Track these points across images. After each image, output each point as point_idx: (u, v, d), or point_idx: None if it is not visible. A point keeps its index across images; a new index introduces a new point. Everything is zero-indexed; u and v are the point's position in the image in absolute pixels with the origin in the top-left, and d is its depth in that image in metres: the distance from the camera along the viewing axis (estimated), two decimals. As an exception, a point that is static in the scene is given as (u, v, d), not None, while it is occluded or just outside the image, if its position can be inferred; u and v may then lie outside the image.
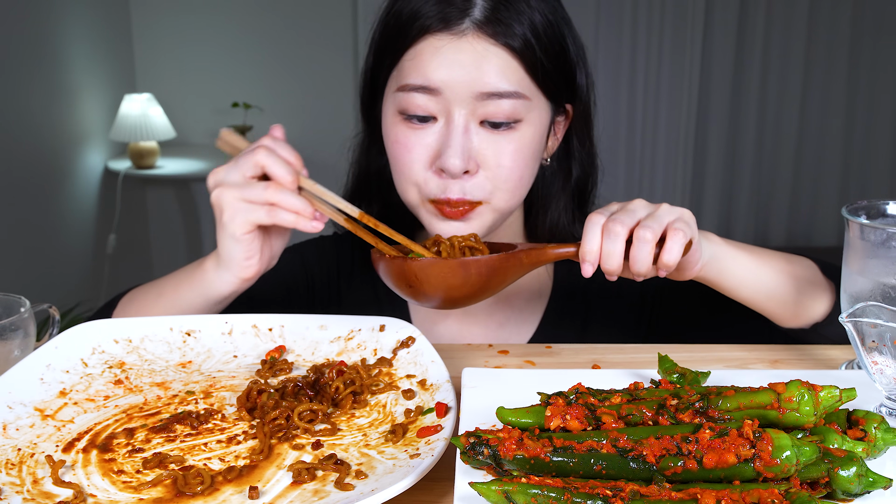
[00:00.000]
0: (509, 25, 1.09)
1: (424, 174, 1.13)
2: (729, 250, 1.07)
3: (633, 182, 4.91)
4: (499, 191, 1.13)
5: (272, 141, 1.03)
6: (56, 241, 3.91)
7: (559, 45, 1.15)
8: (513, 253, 0.99)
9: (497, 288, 1.01)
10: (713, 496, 0.65)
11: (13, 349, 1.03)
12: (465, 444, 0.73)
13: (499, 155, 1.11)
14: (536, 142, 1.15)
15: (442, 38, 1.09)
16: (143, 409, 0.92)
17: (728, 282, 1.08)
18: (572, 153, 1.27)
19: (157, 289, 1.18)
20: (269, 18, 4.62)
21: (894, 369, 0.83)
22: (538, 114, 1.14)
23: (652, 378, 0.92)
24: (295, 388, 0.93)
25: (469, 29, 1.08)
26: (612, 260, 0.94)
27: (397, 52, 1.13)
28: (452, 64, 1.08)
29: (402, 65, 1.13)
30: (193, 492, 0.75)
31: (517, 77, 1.10)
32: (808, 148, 4.96)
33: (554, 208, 1.28)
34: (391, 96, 1.15)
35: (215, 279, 1.08)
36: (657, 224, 0.94)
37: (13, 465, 0.80)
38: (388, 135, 1.16)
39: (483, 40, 1.08)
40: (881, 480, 0.70)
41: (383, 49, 1.17)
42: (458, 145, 1.09)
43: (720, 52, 4.81)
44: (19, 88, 3.59)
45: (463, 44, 1.08)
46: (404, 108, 1.12)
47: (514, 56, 1.09)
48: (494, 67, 1.08)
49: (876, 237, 0.91)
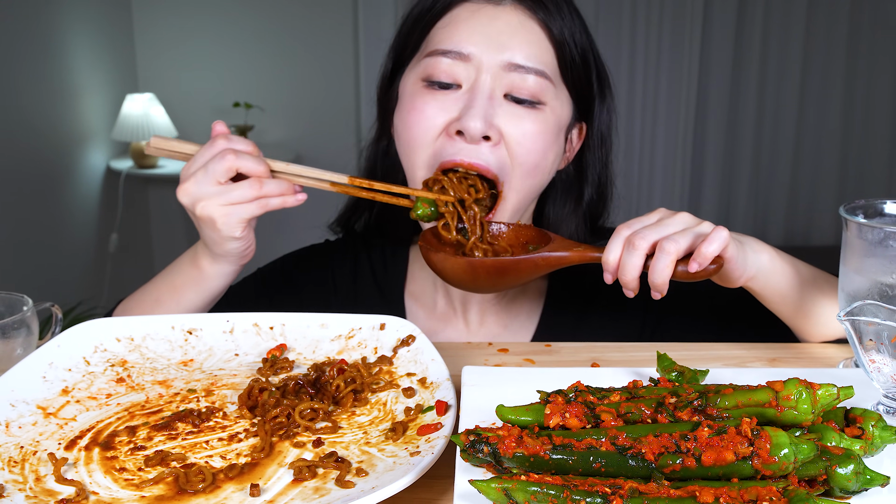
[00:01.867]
0: (547, 6, 1.10)
1: (435, 142, 1.11)
2: (776, 266, 1.07)
3: (631, 181, 4.92)
4: (518, 168, 1.11)
5: (227, 140, 1.04)
6: (58, 240, 3.92)
7: (586, 59, 1.15)
8: (526, 258, 1.01)
9: (512, 284, 1.05)
10: (712, 494, 0.65)
11: (16, 347, 1.04)
12: (465, 441, 0.74)
13: (521, 131, 1.10)
14: (556, 132, 1.14)
15: (480, 4, 1.09)
16: (144, 407, 0.93)
17: (769, 296, 1.09)
18: (585, 176, 1.26)
19: (153, 295, 1.18)
20: (271, 19, 4.63)
21: (892, 367, 0.84)
22: (560, 104, 1.14)
23: (651, 376, 0.92)
24: (296, 386, 0.93)
25: (508, 0, 1.09)
26: (629, 272, 0.95)
27: (429, 23, 1.13)
28: (488, 29, 1.08)
29: (434, 33, 1.12)
30: (195, 489, 0.76)
31: (547, 58, 1.10)
32: (806, 148, 4.98)
33: (565, 230, 1.27)
34: (416, 66, 1.14)
35: (216, 274, 1.10)
36: (684, 239, 0.94)
37: (16, 462, 0.81)
38: (403, 104, 1.14)
39: (521, 12, 1.09)
40: (878, 478, 0.70)
41: (414, 22, 1.16)
42: (481, 107, 1.07)
43: (718, 53, 4.82)
44: (22, 89, 3.59)
45: (500, 11, 1.08)
46: (429, 73, 1.10)
47: (548, 37, 1.09)
48: (527, 41, 1.08)
49: (873, 236, 0.91)
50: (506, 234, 1.12)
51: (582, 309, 1.31)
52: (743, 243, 1.03)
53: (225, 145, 1.03)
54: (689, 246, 0.94)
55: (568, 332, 1.28)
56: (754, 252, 1.05)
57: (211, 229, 1.05)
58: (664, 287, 0.95)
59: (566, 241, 1.04)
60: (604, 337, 1.20)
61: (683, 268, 0.94)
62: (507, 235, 1.12)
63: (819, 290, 1.10)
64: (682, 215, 0.98)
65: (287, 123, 4.70)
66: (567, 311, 1.32)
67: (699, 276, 0.95)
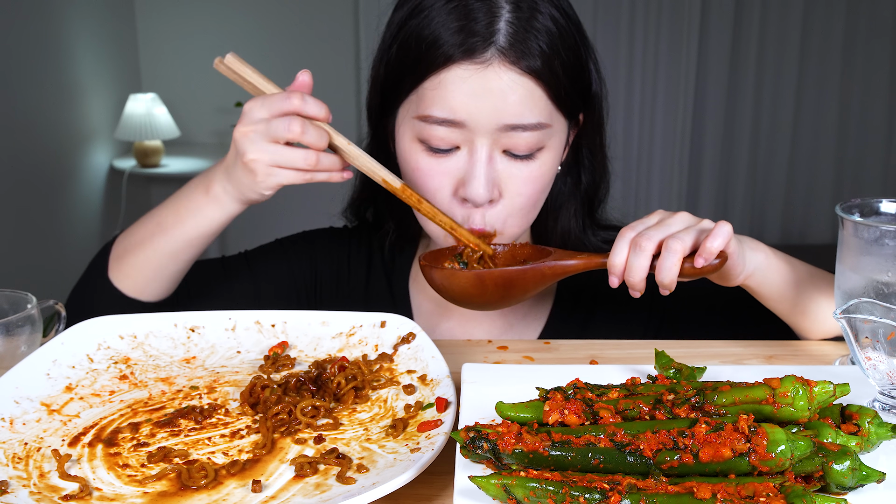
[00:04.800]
0: (531, 46, 1.06)
1: (449, 203, 1.12)
2: (773, 263, 1.08)
3: (629, 180, 4.92)
4: (512, 218, 1.13)
5: (301, 100, 1.01)
6: (62, 239, 3.93)
7: (575, 52, 1.12)
8: (533, 266, 1.02)
9: (519, 297, 1.05)
10: (709, 490, 0.66)
11: (20, 345, 1.04)
12: (465, 438, 0.74)
13: (519, 183, 1.11)
14: (555, 165, 1.15)
15: (467, 68, 1.05)
16: (147, 404, 0.93)
17: (767, 293, 1.10)
18: (581, 161, 1.26)
19: (155, 220, 1.17)
20: (272, 19, 4.63)
21: (887, 365, 0.84)
22: (558, 138, 1.13)
23: (649, 373, 0.93)
24: (297, 383, 0.94)
25: (494, 57, 1.05)
26: (636, 273, 0.96)
27: (417, 77, 1.09)
28: (478, 97, 1.05)
29: (423, 92, 1.09)
30: (197, 485, 0.76)
31: (541, 106, 1.08)
32: (803, 147, 4.99)
33: (564, 216, 1.28)
34: (409, 121, 1.12)
35: (228, 203, 1.11)
36: (689, 237, 0.94)
37: (20, 458, 0.81)
38: (406, 160, 1.14)
39: (508, 69, 1.05)
40: (874, 474, 0.71)
41: (401, 69, 1.12)
42: (483, 175, 1.08)
43: (716, 52, 4.83)
44: (26, 88, 3.60)
45: (489, 74, 1.05)
46: (426, 138, 1.09)
47: (538, 83, 1.07)
48: (519, 98, 1.06)
49: (869, 235, 0.91)
50: (502, 255, 1.13)
51: (589, 309, 1.32)
52: (741, 241, 1.04)
53: (298, 106, 1.01)
54: (693, 243, 0.95)
55: (574, 332, 1.29)
56: (751, 250, 1.05)
57: (248, 177, 1.04)
58: (672, 285, 0.95)
59: (568, 252, 1.05)
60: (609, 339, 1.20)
61: (690, 264, 0.95)
62: (504, 255, 1.13)
63: (816, 288, 1.11)
64: (681, 215, 0.99)
65: (289, 123, 4.70)
66: (575, 314, 1.32)
67: (705, 272, 0.96)
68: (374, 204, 1.36)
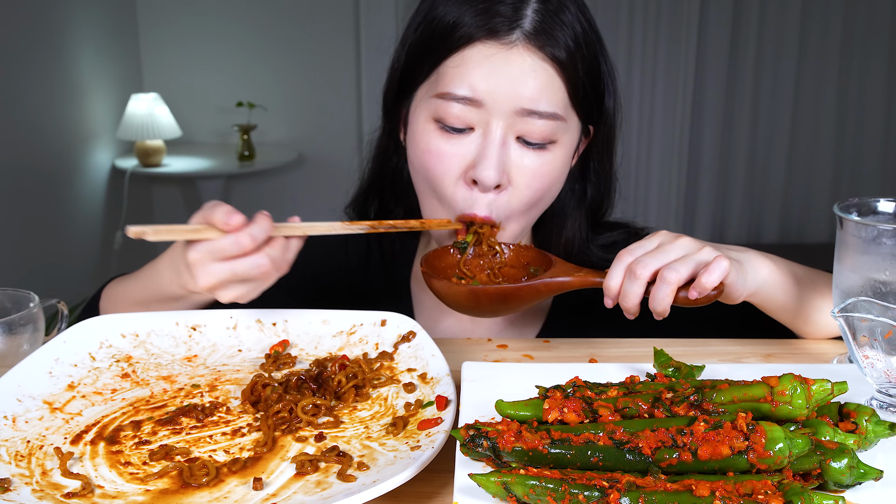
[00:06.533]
0: (556, 36, 1.07)
1: (454, 187, 1.11)
2: (776, 280, 1.08)
3: (629, 180, 4.92)
4: (523, 206, 1.13)
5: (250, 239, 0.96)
6: (64, 238, 3.94)
7: (595, 59, 1.14)
8: (528, 284, 1.02)
9: (515, 309, 1.06)
10: (707, 487, 0.66)
11: (22, 343, 1.05)
12: (465, 436, 0.75)
13: (528, 175, 1.11)
14: (565, 165, 1.15)
15: (491, 46, 1.06)
16: (149, 402, 0.94)
17: (770, 307, 1.11)
18: (589, 177, 1.27)
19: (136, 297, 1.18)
20: (274, 18, 4.63)
21: (885, 363, 0.84)
22: (570, 136, 1.14)
23: (648, 372, 0.93)
24: (298, 381, 0.94)
25: (519, 40, 1.06)
26: (630, 300, 0.96)
27: (440, 54, 1.10)
28: (500, 75, 1.06)
29: (445, 70, 1.09)
30: (199, 483, 0.77)
31: (558, 97, 1.08)
32: (801, 147, 4.99)
33: (569, 227, 1.28)
34: (426, 101, 1.12)
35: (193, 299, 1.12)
36: (685, 268, 0.94)
37: (22, 456, 0.82)
38: (417, 141, 1.14)
39: (532, 53, 1.06)
40: (872, 472, 0.71)
41: (423, 51, 1.13)
42: (495, 156, 1.07)
43: (714, 52, 4.83)
44: (28, 88, 3.61)
45: (513, 55, 1.06)
46: (441, 116, 1.09)
47: (559, 72, 1.07)
48: (539, 84, 1.06)
49: (867, 234, 0.92)
50: (506, 256, 1.13)
51: (588, 308, 1.32)
52: (742, 263, 1.04)
53: (248, 244, 0.95)
54: (689, 274, 0.95)
55: (574, 331, 1.29)
56: (753, 270, 1.05)
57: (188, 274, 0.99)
58: (665, 313, 0.96)
59: (567, 266, 1.05)
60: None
61: (684, 293, 0.95)
62: (508, 257, 1.13)
63: (819, 295, 1.11)
64: (682, 240, 0.98)
65: (289, 122, 4.71)
66: (574, 312, 1.32)
67: (700, 303, 0.96)
68: (381, 197, 1.36)
